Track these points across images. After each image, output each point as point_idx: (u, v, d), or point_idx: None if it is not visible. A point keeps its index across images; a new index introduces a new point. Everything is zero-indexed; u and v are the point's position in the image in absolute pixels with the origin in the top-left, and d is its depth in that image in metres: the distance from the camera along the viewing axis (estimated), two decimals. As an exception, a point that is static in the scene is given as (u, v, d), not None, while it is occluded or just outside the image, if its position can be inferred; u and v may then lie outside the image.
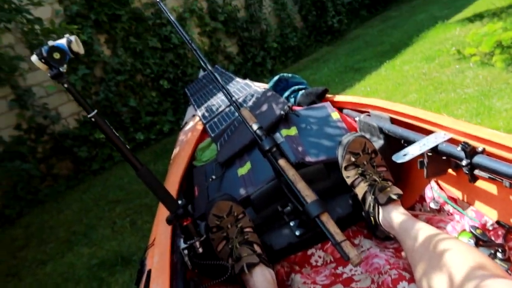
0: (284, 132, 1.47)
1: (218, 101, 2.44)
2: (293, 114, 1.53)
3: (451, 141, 1.03)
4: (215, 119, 2.14)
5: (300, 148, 1.36)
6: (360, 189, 1.07)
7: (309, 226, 1.13)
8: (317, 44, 6.49)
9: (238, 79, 2.75)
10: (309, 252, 1.14)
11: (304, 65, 5.42)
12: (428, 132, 1.11)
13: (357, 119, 1.47)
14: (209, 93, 2.83)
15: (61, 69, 0.84)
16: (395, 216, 0.97)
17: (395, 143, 1.27)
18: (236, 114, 2.05)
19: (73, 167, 3.95)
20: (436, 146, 1.04)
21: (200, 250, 0.98)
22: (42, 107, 3.76)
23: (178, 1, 4.96)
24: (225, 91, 1.41)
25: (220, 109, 2.22)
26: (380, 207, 1.01)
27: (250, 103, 1.98)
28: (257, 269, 0.96)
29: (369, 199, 1.05)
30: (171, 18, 1.61)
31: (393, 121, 1.32)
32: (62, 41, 0.84)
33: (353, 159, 1.11)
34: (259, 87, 2.24)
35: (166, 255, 0.92)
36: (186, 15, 4.95)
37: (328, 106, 1.62)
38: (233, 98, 1.38)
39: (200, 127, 2.20)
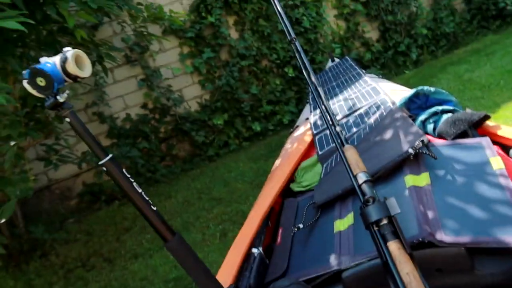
0: (410, 179, 1.03)
1: (338, 106, 2.01)
2: (428, 153, 1.04)
3: None
4: (327, 132, 1.73)
5: (430, 214, 0.90)
6: None
7: None
8: (480, 31, 5.31)
9: (367, 78, 2.26)
10: None
11: (459, 58, 4.46)
12: None
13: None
14: (331, 92, 2.40)
15: (59, 97, 0.57)
16: None
17: None
18: (354, 130, 1.62)
19: (190, 150, 3.99)
20: None
21: None
22: (167, 88, 3.83)
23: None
24: (326, 113, 1.02)
25: (338, 118, 1.78)
26: None
27: (370, 121, 1.51)
28: None
29: None
30: None
31: None
32: (54, 60, 0.56)
33: None
34: (390, 94, 1.72)
35: None
36: (323, -5, 4.50)
37: (486, 144, 1.08)
38: (337, 126, 0.98)
39: (309, 137, 1.84)
